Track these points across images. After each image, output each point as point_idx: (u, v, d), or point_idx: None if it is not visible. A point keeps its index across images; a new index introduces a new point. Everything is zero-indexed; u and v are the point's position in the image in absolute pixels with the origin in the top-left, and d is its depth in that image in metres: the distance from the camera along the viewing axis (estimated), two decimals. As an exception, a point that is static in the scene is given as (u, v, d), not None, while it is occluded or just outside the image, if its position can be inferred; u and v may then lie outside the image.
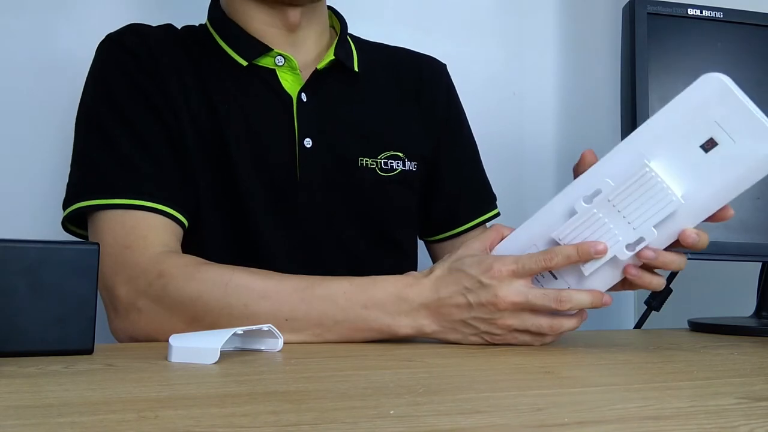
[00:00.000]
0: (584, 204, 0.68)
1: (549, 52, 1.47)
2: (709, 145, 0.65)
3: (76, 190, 0.84)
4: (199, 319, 0.74)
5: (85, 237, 0.86)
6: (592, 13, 1.49)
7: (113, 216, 0.81)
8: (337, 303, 0.73)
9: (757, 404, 0.46)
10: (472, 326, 0.72)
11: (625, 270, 0.70)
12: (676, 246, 0.69)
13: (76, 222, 0.87)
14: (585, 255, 0.69)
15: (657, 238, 0.68)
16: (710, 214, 0.67)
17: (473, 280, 0.71)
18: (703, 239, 0.68)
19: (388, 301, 0.73)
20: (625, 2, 1.04)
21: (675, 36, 1.03)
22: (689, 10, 1.03)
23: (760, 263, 1.08)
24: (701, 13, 1.03)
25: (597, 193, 0.68)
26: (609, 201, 0.68)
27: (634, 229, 0.68)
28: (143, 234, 0.80)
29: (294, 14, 0.93)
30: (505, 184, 1.19)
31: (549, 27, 1.47)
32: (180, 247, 0.84)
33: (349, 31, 1.03)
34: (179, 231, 0.85)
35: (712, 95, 0.64)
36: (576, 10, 1.48)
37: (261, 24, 0.93)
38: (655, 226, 0.67)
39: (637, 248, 0.68)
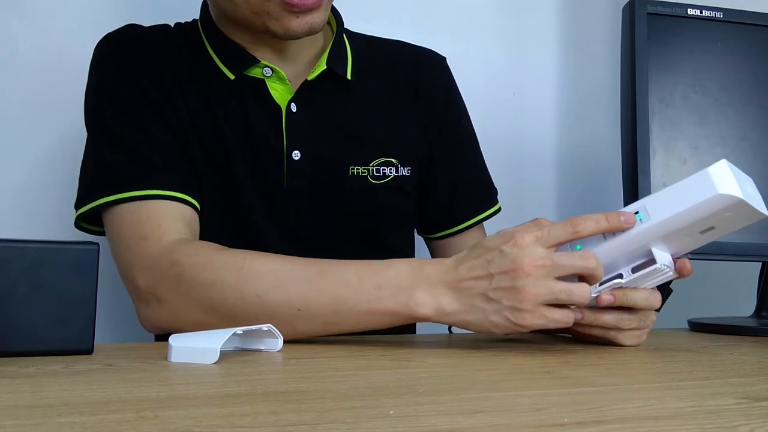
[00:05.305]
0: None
1: (549, 52, 1.46)
2: (707, 230, 0.68)
3: (88, 189, 0.85)
4: (216, 307, 0.73)
5: (98, 234, 0.87)
6: (592, 13, 1.48)
7: (128, 209, 0.82)
8: (350, 285, 0.71)
9: (757, 404, 0.46)
10: (494, 301, 0.67)
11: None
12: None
13: (89, 220, 0.87)
14: (615, 222, 0.68)
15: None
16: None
17: (494, 251, 0.68)
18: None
19: (404, 279, 0.70)
20: (625, 2, 1.04)
21: (675, 36, 1.03)
22: (689, 10, 1.03)
23: (760, 263, 1.08)
24: (701, 13, 1.03)
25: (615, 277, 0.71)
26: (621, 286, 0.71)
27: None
28: (157, 223, 0.80)
29: (284, 44, 0.91)
30: (505, 184, 1.19)
31: (549, 27, 1.46)
32: (197, 232, 0.84)
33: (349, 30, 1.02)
34: (193, 215, 0.85)
35: (725, 207, 0.65)
36: (576, 10, 1.48)
37: (248, 44, 0.90)
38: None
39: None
